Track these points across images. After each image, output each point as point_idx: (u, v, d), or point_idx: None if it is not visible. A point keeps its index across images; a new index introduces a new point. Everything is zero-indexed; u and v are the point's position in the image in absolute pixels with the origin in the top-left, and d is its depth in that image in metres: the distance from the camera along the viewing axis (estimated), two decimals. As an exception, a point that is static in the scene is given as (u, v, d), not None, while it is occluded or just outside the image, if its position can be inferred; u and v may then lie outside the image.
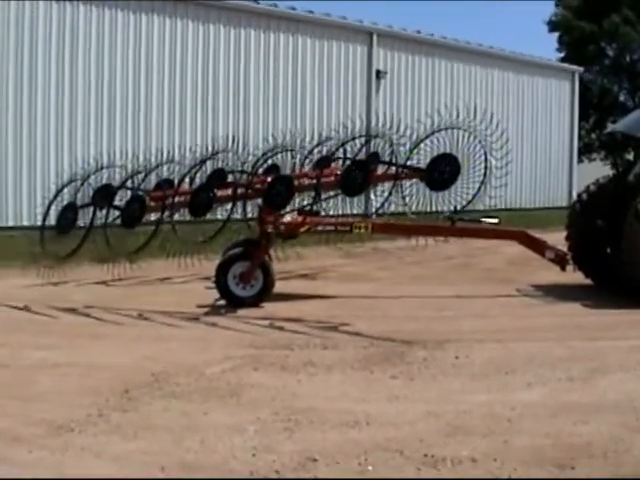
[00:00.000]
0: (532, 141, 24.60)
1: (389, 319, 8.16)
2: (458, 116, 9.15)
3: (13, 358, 6.42)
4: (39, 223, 9.91)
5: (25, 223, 13.79)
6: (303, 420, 4.84)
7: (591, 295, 9.67)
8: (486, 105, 23.22)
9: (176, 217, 9.37)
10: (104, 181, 9.40)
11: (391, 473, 4.06)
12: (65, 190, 9.55)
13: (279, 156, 10.23)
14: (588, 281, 10.38)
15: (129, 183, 9.35)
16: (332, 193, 9.78)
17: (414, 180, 9.46)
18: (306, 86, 19.10)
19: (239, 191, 9.31)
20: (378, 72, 20.50)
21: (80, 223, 9.21)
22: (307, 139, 10.50)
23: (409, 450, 4.32)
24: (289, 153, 10.29)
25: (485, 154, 9.16)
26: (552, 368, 6.14)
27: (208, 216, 9.22)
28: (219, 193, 9.29)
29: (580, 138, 29.45)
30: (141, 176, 9.46)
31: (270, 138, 17.52)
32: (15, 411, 5.01)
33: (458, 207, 9.38)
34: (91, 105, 15.47)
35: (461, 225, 9.48)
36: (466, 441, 4.49)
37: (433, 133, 9.28)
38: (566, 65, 27.30)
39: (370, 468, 4.09)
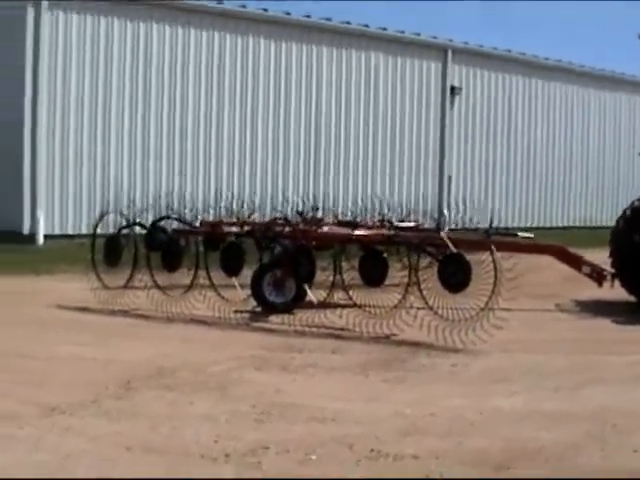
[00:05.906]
0: (614, 158, 24.14)
1: (410, 329, 8.28)
2: None
3: (44, 351, 6.98)
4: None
5: (84, 231, 14.53)
6: (276, 413, 5.17)
7: (629, 311, 9.60)
8: (566, 121, 23.09)
9: None
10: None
11: (334, 464, 4.34)
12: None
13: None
14: (632, 298, 10.29)
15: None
16: None
17: None
18: (379, 102, 19.41)
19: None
20: (453, 88, 20.56)
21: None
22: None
23: (359, 445, 4.57)
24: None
25: None
26: (545, 378, 6.26)
27: None
28: None
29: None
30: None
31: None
32: (21, 395, 5.52)
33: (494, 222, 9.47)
34: (151, 131, 16.40)
35: (497, 239, 9.57)
36: (420, 440, 4.71)
37: None
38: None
39: (313, 457, 4.38)
